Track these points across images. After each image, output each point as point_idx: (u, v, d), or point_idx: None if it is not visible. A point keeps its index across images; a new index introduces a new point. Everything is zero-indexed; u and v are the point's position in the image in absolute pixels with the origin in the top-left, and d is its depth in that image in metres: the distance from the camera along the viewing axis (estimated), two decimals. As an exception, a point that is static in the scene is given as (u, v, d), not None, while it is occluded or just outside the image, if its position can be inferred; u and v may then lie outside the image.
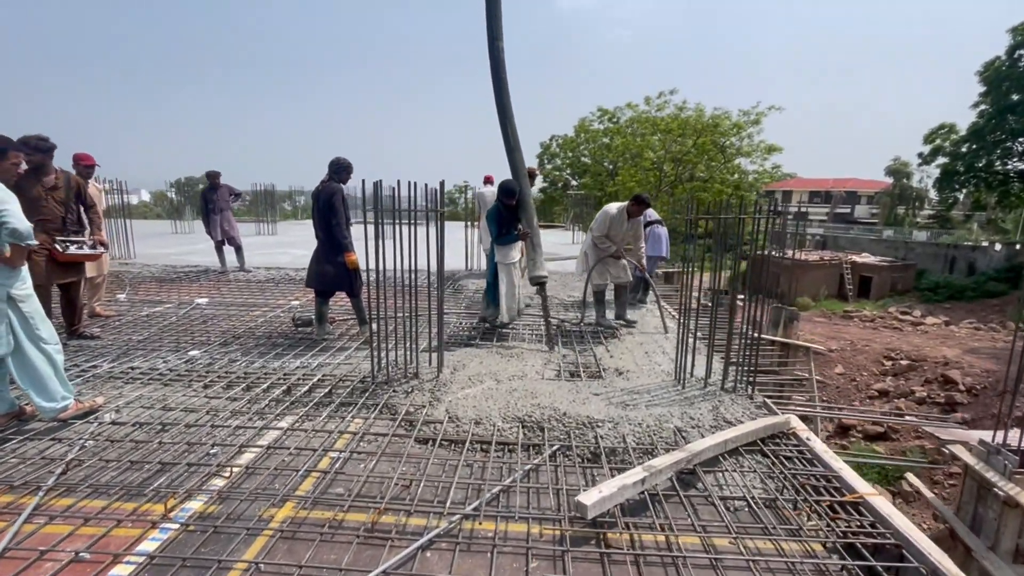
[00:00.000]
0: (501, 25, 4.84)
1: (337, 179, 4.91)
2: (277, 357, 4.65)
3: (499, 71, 4.88)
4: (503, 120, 4.97)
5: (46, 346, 3.18)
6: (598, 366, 4.46)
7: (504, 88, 4.91)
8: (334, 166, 4.89)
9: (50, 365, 3.19)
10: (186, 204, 18.16)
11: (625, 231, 5.61)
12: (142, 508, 2.47)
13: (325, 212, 4.82)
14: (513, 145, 5.05)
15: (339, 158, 4.92)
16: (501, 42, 4.83)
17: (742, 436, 3.10)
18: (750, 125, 24.79)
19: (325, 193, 4.82)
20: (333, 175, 4.89)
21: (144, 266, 9.26)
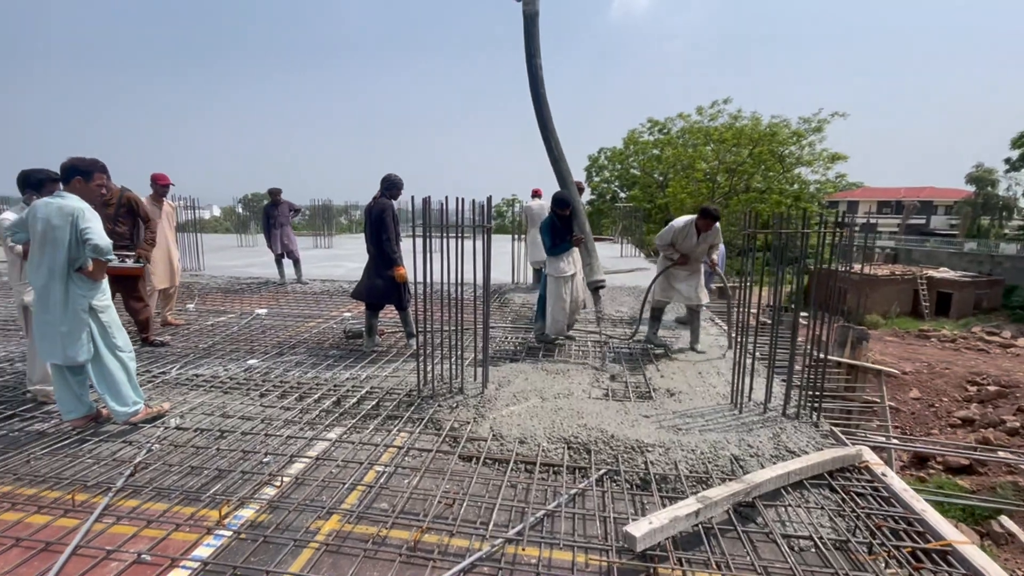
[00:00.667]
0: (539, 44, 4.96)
1: (388, 195, 5.05)
2: (329, 368, 4.79)
3: (538, 87, 4.98)
4: (545, 133, 5.06)
5: (121, 354, 3.42)
6: (648, 386, 4.29)
7: (543, 103, 5.00)
8: (385, 183, 5.03)
9: (124, 371, 3.42)
10: (251, 219, 19.31)
11: (695, 246, 5.15)
12: (199, 513, 2.57)
13: (376, 227, 4.95)
14: (557, 156, 5.11)
15: (390, 175, 5.06)
16: (539, 59, 4.95)
17: (807, 468, 2.87)
18: (811, 133, 23.63)
19: (376, 209, 4.96)
20: (384, 191, 5.03)
21: (212, 277, 9.87)
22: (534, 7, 5.09)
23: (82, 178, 3.30)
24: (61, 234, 3.12)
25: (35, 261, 3.19)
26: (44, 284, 3.17)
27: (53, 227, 3.12)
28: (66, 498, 2.66)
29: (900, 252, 36.43)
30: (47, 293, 3.18)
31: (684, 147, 25.81)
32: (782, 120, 24.06)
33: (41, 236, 3.13)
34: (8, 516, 2.54)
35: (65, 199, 3.18)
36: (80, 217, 3.14)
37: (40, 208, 3.15)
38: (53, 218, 3.12)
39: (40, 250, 3.15)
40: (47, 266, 3.15)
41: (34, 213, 3.16)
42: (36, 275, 3.18)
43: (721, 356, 5.21)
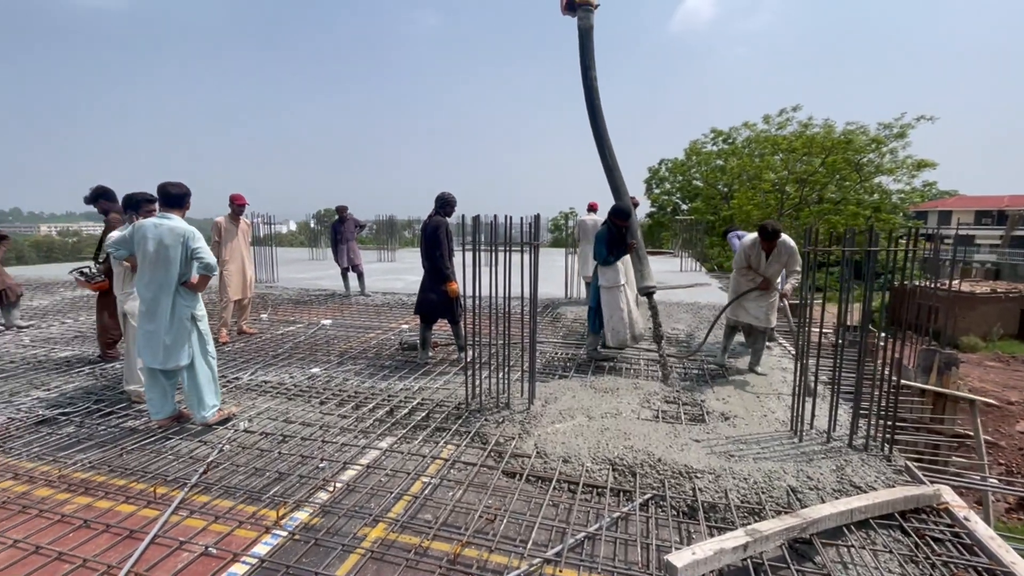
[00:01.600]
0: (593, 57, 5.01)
1: (442, 213, 5.23)
2: (384, 378, 4.99)
3: (593, 99, 5.02)
4: (599, 144, 5.09)
5: (212, 360, 3.77)
6: (701, 409, 4.13)
7: (599, 115, 5.04)
8: (439, 201, 5.23)
9: (211, 377, 3.77)
10: (321, 233, 20.51)
11: (768, 266, 4.86)
12: (260, 513, 2.76)
13: (430, 244, 5.15)
14: (612, 165, 5.13)
15: (444, 193, 5.25)
16: (594, 72, 5.00)
17: (875, 506, 2.65)
18: (893, 139, 21.90)
19: (431, 226, 5.16)
20: (439, 209, 5.22)
21: (284, 289, 10.57)
22: (588, 21, 5.16)
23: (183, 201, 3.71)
24: (173, 253, 3.52)
25: (146, 277, 3.55)
26: (154, 297, 3.54)
27: (166, 246, 3.51)
28: (149, 490, 2.95)
29: (1003, 267, 32.67)
30: (156, 305, 3.55)
31: (750, 157, 24.73)
32: (859, 127, 22.50)
33: (154, 255, 3.50)
34: (101, 504, 2.85)
35: (173, 221, 3.57)
36: (191, 238, 3.56)
37: (150, 228, 3.52)
38: (165, 238, 3.51)
39: (152, 267, 3.52)
40: (158, 281, 3.53)
41: (143, 232, 3.52)
42: (146, 289, 3.54)
43: (782, 379, 4.92)
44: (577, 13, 5.08)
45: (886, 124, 22.04)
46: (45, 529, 2.62)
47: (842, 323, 3.81)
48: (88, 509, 2.79)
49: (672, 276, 12.57)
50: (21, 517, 2.72)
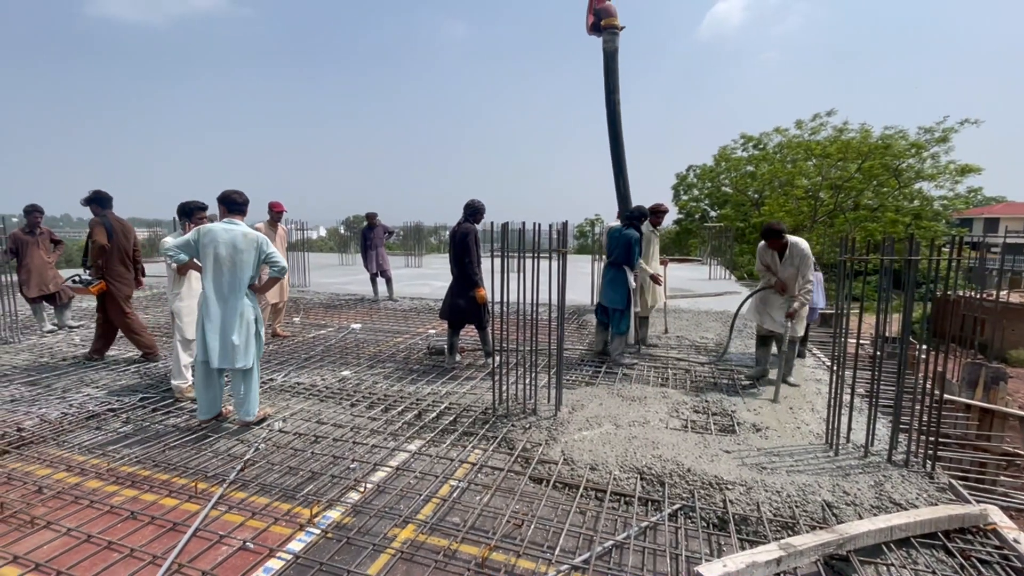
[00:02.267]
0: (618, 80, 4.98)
1: (472, 220, 5.31)
2: (412, 382, 5.07)
3: (615, 124, 5.01)
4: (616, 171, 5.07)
5: (258, 363, 3.92)
6: (732, 420, 4.06)
7: (620, 142, 5.03)
8: (469, 209, 5.31)
9: (258, 379, 3.91)
10: (351, 239, 20.98)
11: (782, 269, 4.77)
12: (294, 510, 2.85)
13: (459, 250, 5.23)
14: (625, 195, 5.11)
15: (473, 201, 5.33)
16: (617, 95, 4.98)
17: (916, 524, 2.55)
18: (934, 144, 21.09)
19: (460, 233, 5.24)
20: (468, 217, 5.30)
21: (315, 293, 10.85)
22: (614, 44, 5.15)
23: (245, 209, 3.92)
24: (248, 257, 3.70)
25: (217, 280, 3.67)
26: (225, 299, 3.69)
27: (240, 251, 3.68)
28: (191, 485, 3.07)
29: (1057, 277, 30.95)
30: (226, 307, 3.70)
31: (782, 163, 24.17)
32: (897, 131, 21.75)
33: (228, 258, 3.66)
34: (147, 497, 2.98)
35: (242, 227, 3.76)
36: (265, 243, 3.78)
37: (220, 233, 3.66)
38: (239, 243, 3.68)
39: (227, 270, 3.67)
40: (229, 284, 3.69)
41: (213, 237, 3.65)
42: (217, 291, 3.68)
43: (816, 391, 4.78)
44: (602, 36, 5.09)
45: (927, 128, 21.26)
46: (95, 519, 2.76)
47: (880, 334, 3.70)
48: (135, 501, 2.93)
49: (700, 284, 12.38)
50: (74, 507, 2.87)
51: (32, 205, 6.92)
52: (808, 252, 4.65)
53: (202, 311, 3.71)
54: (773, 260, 4.82)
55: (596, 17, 5.20)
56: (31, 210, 6.91)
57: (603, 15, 5.13)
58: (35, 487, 3.05)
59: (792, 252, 4.68)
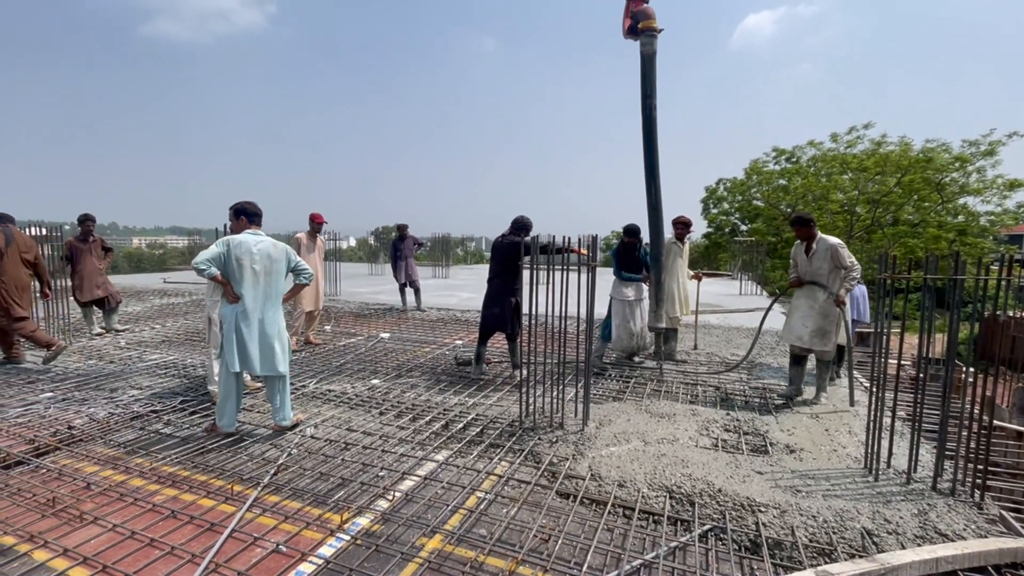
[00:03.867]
0: (655, 84, 4.91)
1: (518, 236, 5.40)
2: (440, 392, 5.12)
3: (651, 130, 4.93)
4: (649, 179, 5.00)
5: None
6: (765, 440, 3.96)
7: (654, 147, 4.94)
8: (516, 224, 5.41)
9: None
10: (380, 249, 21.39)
11: (808, 263, 4.65)
12: (325, 516, 2.90)
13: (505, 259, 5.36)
14: (655, 203, 5.03)
15: (521, 217, 5.44)
16: (654, 100, 4.90)
17: (964, 557, 2.43)
18: (980, 157, 20.26)
19: (505, 244, 5.35)
20: (515, 231, 5.39)
21: (346, 302, 11.09)
22: (652, 47, 5.08)
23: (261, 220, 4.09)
24: (280, 266, 3.88)
25: (255, 290, 3.80)
26: (262, 307, 3.83)
27: (274, 260, 3.85)
28: (227, 487, 3.18)
29: (1118, 298, 29.09)
30: (264, 315, 3.84)
31: (816, 176, 23.59)
32: (939, 144, 20.99)
33: (262, 268, 3.80)
34: (186, 496, 3.09)
35: (268, 237, 3.91)
36: (292, 252, 3.97)
37: (252, 243, 3.80)
38: (272, 252, 3.85)
39: (263, 280, 3.82)
40: (265, 293, 3.83)
41: (246, 248, 3.76)
42: (255, 300, 3.80)
43: (854, 413, 4.62)
44: (640, 38, 5.06)
45: (971, 141, 20.46)
46: (138, 516, 2.88)
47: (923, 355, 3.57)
48: (175, 501, 3.04)
49: (731, 299, 12.13)
50: (119, 504, 3.00)
51: (85, 215, 7.33)
52: (839, 245, 4.53)
53: (237, 321, 3.75)
54: (799, 253, 4.74)
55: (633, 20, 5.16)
56: (84, 219, 7.32)
57: (641, 17, 5.08)
58: (84, 483, 3.20)
59: (819, 245, 4.59)
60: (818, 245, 4.61)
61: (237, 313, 3.78)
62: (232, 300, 3.75)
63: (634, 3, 5.20)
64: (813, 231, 4.63)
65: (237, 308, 3.78)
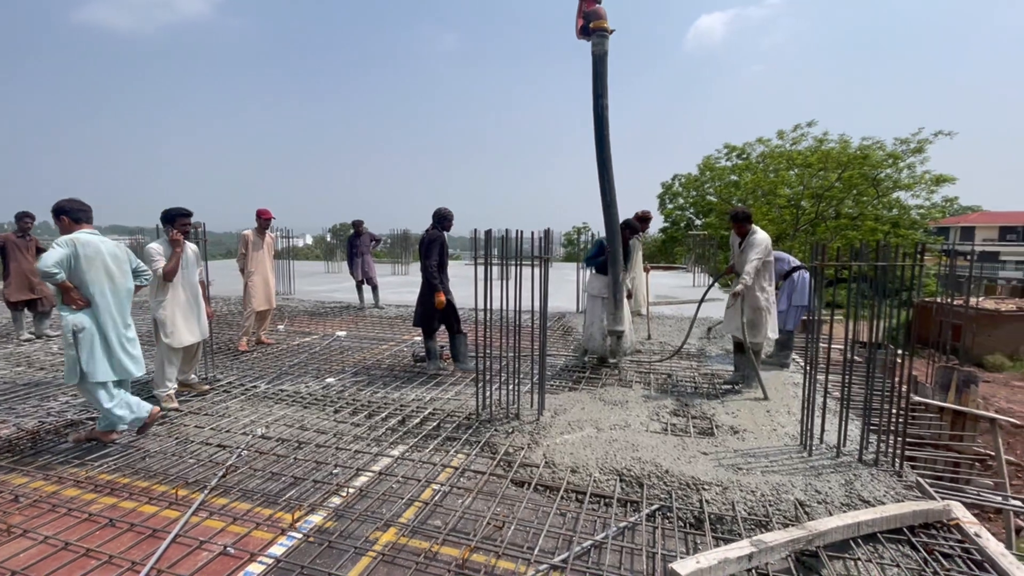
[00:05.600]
0: (606, 84, 5.00)
1: (440, 228, 5.39)
2: (396, 389, 5.09)
3: (602, 129, 5.00)
4: (602, 177, 5.07)
5: None
6: (711, 423, 4.14)
7: (606, 144, 5.02)
8: (437, 216, 5.41)
9: None
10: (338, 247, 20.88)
11: (740, 254, 4.85)
12: (276, 515, 2.85)
13: (423, 256, 5.34)
14: (610, 202, 5.10)
15: (441, 208, 5.43)
16: (605, 99, 4.98)
17: (882, 520, 2.64)
18: (910, 154, 21.70)
19: (426, 240, 5.33)
20: (436, 224, 5.38)
21: (300, 301, 10.79)
22: (603, 47, 5.16)
23: None
24: (127, 266, 3.80)
25: (113, 291, 3.63)
26: (124, 310, 3.72)
27: (121, 260, 3.74)
28: (171, 492, 3.06)
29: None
30: (124, 318, 3.71)
31: (765, 172, 24.66)
32: (875, 142, 22.35)
33: (116, 269, 3.66)
34: (126, 504, 2.97)
35: (104, 236, 3.75)
36: (131, 253, 3.88)
37: (99, 243, 3.61)
38: (118, 253, 3.73)
39: (117, 280, 3.67)
40: (121, 295, 3.71)
41: (95, 248, 3.57)
42: (116, 303, 3.65)
43: (794, 395, 4.89)
44: (592, 39, 5.13)
45: (903, 139, 21.89)
46: (73, 527, 2.74)
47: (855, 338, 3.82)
48: (113, 509, 2.91)
49: (685, 291, 12.54)
50: (51, 515, 2.84)
51: (24, 212, 6.99)
52: (760, 242, 4.74)
53: (96, 327, 3.53)
54: (735, 245, 4.99)
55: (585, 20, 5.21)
56: (22, 216, 6.97)
57: (592, 18, 5.13)
58: (11, 496, 3.02)
59: (748, 240, 4.81)
60: (749, 239, 4.83)
61: (94, 318, 3.51)
62: (82, 305, 3.49)
63: (586, 3, 5.26)
64: (747, 227, 4.85)
65: (93, 313, 3.53)
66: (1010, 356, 21.72)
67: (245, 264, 6.55)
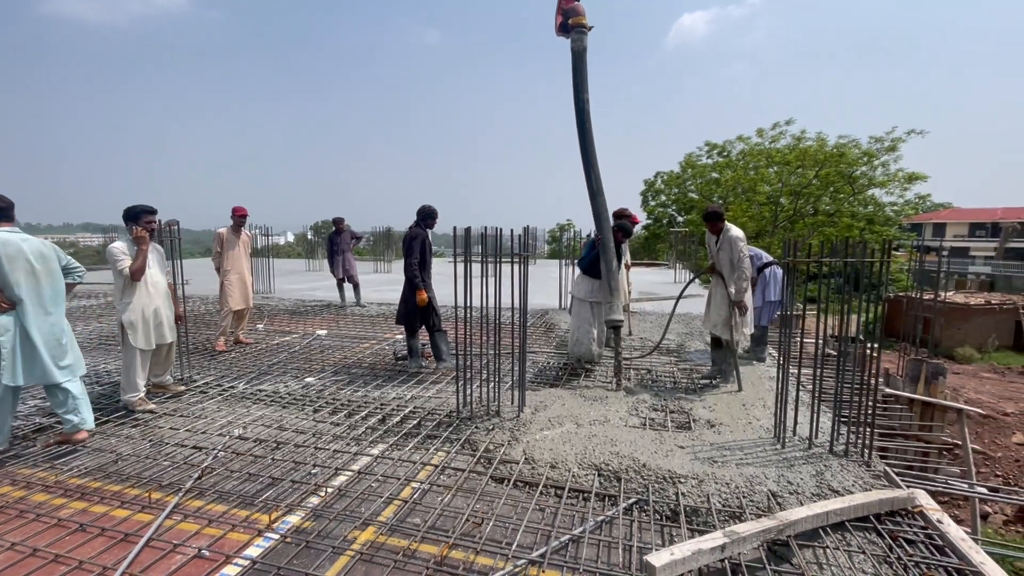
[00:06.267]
0: (586, 80, 5.07)
1: (423, 225, 5.37)
2: (377, 387, 5.06)
3: (584, 122, 5.06)
4: (587, 168, 5.13)
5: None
6: (688, 417, 4.21)
7: (588, 137, 5.08)
8: (420, 213, 5.39)
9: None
10: (318, 245, 20.62)
11: (717, 252, 4.92)
12: (252, 516, 2.82)
13: (405, 254, 5.30)
14: (596, 190, 5.14)
15: (425, 206, 5.42)
16: (586, 95, 5.05)
17: (849, 509, 2.72)
18: (884, 153, 22.23)
19: (407, 237, 5.32)
20: (420, 221, 5.37)
21: (280, 300, 10.65)
22: (582, 43, 5.22)
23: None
24: (55, 265, 3.65)
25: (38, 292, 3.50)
26: (49, 311, 3.56)
27: (48, 259, 3.60)
28: (144, 495, 3.01)
29: (998, 279, 32.97)
30: (53, 320, 3.57)
31: (744, 170, 25.03)
32: (850, 140, 22.85)
33: (43, 269, 3.53)
34: (97, 508, 2.91)
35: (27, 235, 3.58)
36: (60, 251, 3.76)
37: (20, 243, 3.45)
38: (45, 251, 3.58)
39: (45, 282, 3.53)
40: (50, 296, 3.56)
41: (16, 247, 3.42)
42: (41, 304, 3.51)
43: (770, 389, 5.00)
44: (571, 35, 5.18)
45: (877, 138, 22.40)
46: (42, 532, 2.68)
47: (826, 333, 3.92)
48: (84, 514, 2.85)
49: (666, 287, 12.68)
50: (18, 521, 2.78)
51: None
52: (737, 238, 4.77)
53: (19, 329, 3.42)
54: (711, 243, 5.03)
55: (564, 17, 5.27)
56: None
57: (571, 14, 5.19)
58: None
59: (723, 237, 4.85)
60: (723, 236, 4.87)
61: (17, 320, 3.40)
62: (6, 308, 3.36)
63: (565, 0, 5.29)
64: (721, 225, 4.89)
65: (18, 315, 3.41)
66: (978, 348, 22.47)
67: (221, 263, 6.45)
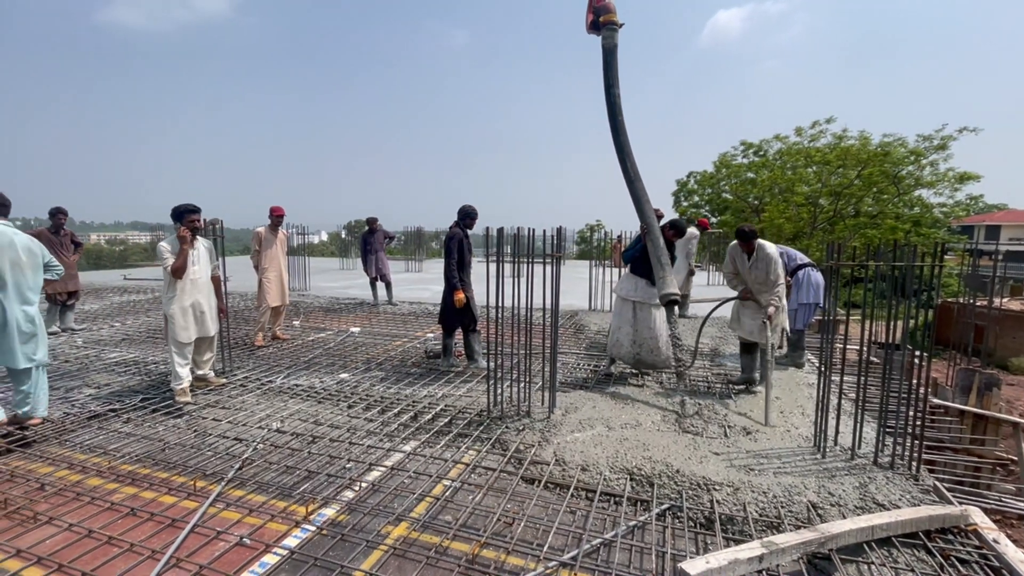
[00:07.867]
0: (617, 75, 5.10)
1: (462, 225, 5.42)
2: (409, 384, 5.14)
3: (616, 115, 5.11)
4: (621, 156, 5.16)
5: None
6: (723, 422, 4.11)
7: (621, 130, 5.12)
8: (460, 213, 5.43)
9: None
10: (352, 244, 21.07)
11: (749, 270, 4.83)
12: (290, 508, 2.91)
13: (444, 254, 5.35)
14: (633, 176, 5.16)
15: (465, 206, 5.46)
16: (617, 89, 5.10)
17: (897, 524, 2.61)
18: (932, 151, 21.16)
19: (446, 237, 5.37)
20: (459, 221, 5.41)
21: (316, 297, 10.93)
22: (613, 40, 5.23)
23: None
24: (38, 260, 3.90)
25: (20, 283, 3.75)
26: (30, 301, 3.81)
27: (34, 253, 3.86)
28: (189, 483, 3.14)
29: (1058, 285, 30.94)
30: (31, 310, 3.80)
31: (782, 170, 24.26)
32: (896, 139, 21.84)
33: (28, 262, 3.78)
34: (146, 494, 3.05)
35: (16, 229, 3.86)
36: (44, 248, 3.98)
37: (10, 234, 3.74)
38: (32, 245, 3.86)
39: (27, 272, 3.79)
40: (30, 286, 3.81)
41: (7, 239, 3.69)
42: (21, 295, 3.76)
43: (808, 396, 4.83)
44: (601, 32, 5.18)
45: (926, 136, 21.33)
46: (96, 515, 2.83)
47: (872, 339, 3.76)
48: (134, 499, 3.00)
49: (699, 290, 12.42)
50: (75, 504, 2.94)
51: (57, 208, 7.11)
52: (774, 255, 4.69)
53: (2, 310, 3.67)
54: (742, 261, 4.89)
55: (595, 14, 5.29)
56: (56, 212, 7.10)
57: (602, 12, 5.22)
58: (38, 484, 3.12)
59: (758, 255, 4.73)
60: (758, 253, 4.75)
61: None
62: None
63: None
64: (754, 243, 4.78)
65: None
66: (1036, 359, 21.12)
67: (259, 261, 6.66)
